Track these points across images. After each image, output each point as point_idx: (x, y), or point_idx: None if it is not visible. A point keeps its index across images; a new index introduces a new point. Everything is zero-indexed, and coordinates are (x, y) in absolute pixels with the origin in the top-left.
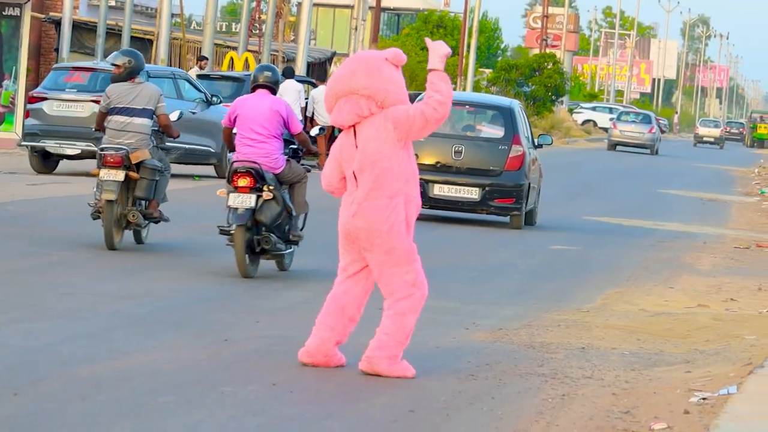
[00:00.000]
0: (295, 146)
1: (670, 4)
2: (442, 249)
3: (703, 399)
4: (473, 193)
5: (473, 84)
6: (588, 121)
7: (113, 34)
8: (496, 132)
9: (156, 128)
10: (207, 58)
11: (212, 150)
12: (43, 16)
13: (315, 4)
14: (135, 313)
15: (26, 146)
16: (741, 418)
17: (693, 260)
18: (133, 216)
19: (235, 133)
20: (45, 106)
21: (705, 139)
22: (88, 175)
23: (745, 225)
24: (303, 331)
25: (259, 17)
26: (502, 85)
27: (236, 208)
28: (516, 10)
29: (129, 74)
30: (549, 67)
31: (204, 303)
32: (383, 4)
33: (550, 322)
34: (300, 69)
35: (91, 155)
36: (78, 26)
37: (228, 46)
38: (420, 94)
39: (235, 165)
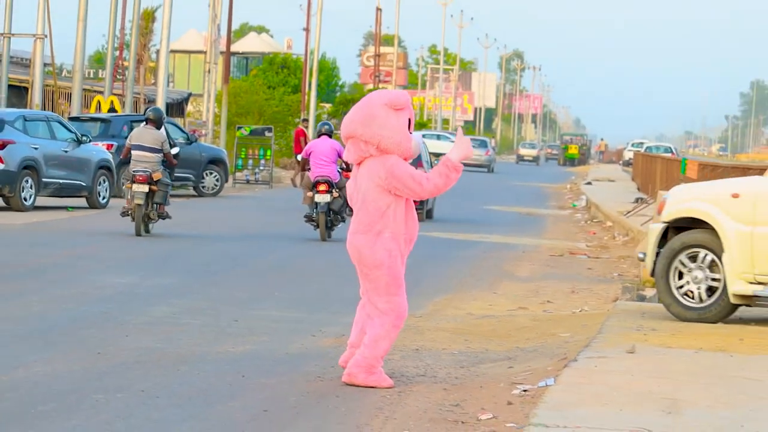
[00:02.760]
0: (344, 168)
1: (487, 40)
2: (294, 265)
3: (525, 391)
4: None
5: (315, 117)
6: None
7: None
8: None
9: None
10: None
11: (84, 184)
12: None
13: (172, 51)
14: (16, 333)
15: None
16: (557, 406)
17: (513, 268)
18: (153, 215)
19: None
20: None
21: (525, 158)
22: None
23: (559, 235)
24: (167, 344)
25: (123, 64)
26: (341, 117)
27: (319, 202)
28: (351, 50)
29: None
30: None
31: (77, 321)
32: (233, 49)
33: None
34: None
35: None
36: None
37: (95, 91)
38: (268, 128)
39: (317, 178)
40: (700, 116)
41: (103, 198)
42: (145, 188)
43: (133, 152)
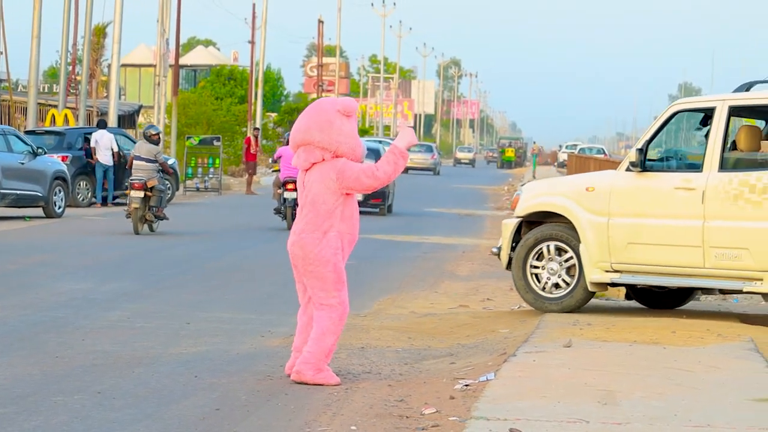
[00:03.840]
0: None
1: (426, 49)
2: (244, 267)
3: (466, 386)
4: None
5: (262, 126)
6: None
7: None
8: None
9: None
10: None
11: (40, 194)
12: None
13: (123, 65)
14: None
15: None
16: (498, 400)
17: (454, 267)
18: (149, 216)
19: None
20: None
21: (462, 161)
22: None
23: (498, 235)
24: (123, 347)
25: (76, 78)
26: (287, 126)
27: (287, 198)
28: (295, 60)
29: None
30: None
31: (36, 326)
32: (181, 62)
33: None
34: (112, 121)
35: None
36: None
37: (50, 105)
38: (216, 138)
39: (285, 178)
40: (631, 118)
41: (59, 207)
42: (141, 194)
43: (134, 162)
